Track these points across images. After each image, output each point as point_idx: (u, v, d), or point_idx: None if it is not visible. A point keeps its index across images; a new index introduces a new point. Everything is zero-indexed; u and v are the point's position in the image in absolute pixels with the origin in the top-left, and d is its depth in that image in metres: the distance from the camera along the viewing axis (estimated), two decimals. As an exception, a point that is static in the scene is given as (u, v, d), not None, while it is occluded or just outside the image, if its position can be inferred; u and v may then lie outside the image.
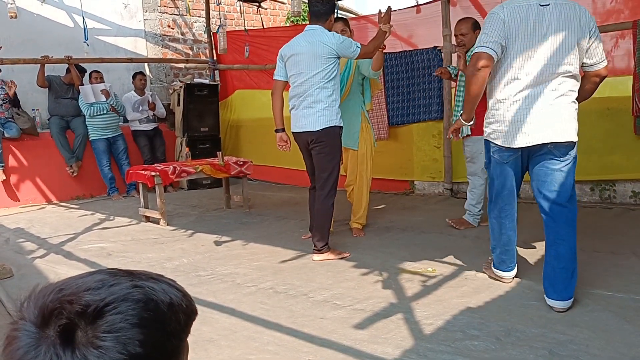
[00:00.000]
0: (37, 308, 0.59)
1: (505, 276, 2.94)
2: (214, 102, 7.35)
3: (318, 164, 3.60)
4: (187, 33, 8.12)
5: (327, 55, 3.45)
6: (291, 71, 3.58)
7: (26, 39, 6.47)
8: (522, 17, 2.50)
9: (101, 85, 6.43)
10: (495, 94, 2.67)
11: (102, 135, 6.49)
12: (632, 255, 3.29)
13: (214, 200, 6.10)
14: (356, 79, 4.05)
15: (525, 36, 2.51)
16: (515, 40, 2.53)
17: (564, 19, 2.48)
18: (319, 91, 3.48)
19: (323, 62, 3.45)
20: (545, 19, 2.49)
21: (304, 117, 3.54)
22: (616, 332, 2.30)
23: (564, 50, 2.49)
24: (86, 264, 3.79)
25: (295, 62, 3.54)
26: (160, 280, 0.66)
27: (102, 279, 0.62)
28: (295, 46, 3.55)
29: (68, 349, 0.56)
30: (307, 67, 3.48)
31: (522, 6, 2.52)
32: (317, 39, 3.46)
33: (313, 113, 3.50)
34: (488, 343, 2.26)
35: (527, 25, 2.50)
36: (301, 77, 3.51)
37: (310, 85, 3.49)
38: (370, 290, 2.99)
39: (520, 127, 2.58)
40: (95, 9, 7.07)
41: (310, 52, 3.46)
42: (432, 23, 5.48)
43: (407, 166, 5.79)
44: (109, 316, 0.58)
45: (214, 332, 2.52)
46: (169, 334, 0.62)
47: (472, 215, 4.23)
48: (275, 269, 3.50)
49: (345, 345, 2.33)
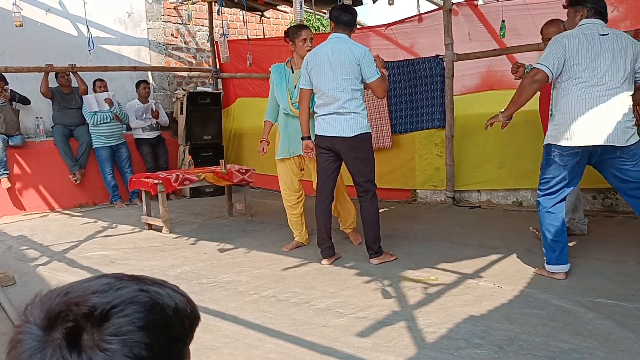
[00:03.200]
0: (43, 311, 0.59)
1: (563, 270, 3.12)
2: (217, 111, 7.38)
3: (355, 170, 3.62)
4: (190, 42, 8.18)
5: (354, 63, 3.48)
6: (317, 79, 3.58)
7: (31, 48, 6.51)
8: (582, 43, 2.93)
9: (104, 94, 6.46)
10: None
11: (106, 143, 6.51)
12: (635, 264, 3.28)
13: (217, 208, 6.11)
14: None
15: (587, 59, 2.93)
16: (577, 62, 2.94)
17: (622, 46, 2.95)
18: (347, 98, 3.50)
19: (350, 69, 3.48)
20: (605, 45, 2.93)
21: (336, 123, 3.54)
22: (620, 341, 2.28)
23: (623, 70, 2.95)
24: (89, 272, 3.79)
25: (320, 70, 3.55)
26: (165, 285, 0.67)
27: (108, 282, 0.62)
28: (320, 54, 3.56)
29: (74, 352, 0.56)
30: (334, 75, 3.50)
31: (585, 34, 2.95)
32: (345, 47, 3.50)
33: (346, 120, 3.52)
34: (491, 351, 2.26)
35: (589, 51, 2.92)
36: (328, 84, 3.52)
37: (338, 91, 3.50)
38: (372, 298, 2.98)
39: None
40: (99, 18, 7.13)
41: (337, 59, 3.49)
42: (434, 32, 5.51)
43: (409, 175, 5.79)
44: (116, 319, 0.58)
45: (216, 340, 2.52)
46: (174, 338, 0.63)
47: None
48: (277, 276, 3.50)
49: (347, 354, 2.33)
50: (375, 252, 3.64)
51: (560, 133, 2.99)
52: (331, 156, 3.64)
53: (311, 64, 3.61)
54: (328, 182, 3.72)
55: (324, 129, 3.60)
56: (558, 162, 3.02)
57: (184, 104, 7.13)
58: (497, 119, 3.26)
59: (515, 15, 4.97)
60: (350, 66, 3.47)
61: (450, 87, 5.35)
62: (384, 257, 3.65)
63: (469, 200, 5.53)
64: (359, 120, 3.53)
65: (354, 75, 3.50)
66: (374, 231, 3.63)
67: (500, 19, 4.87)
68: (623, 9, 4.61)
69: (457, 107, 5.40)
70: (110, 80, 6.87)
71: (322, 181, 3.73)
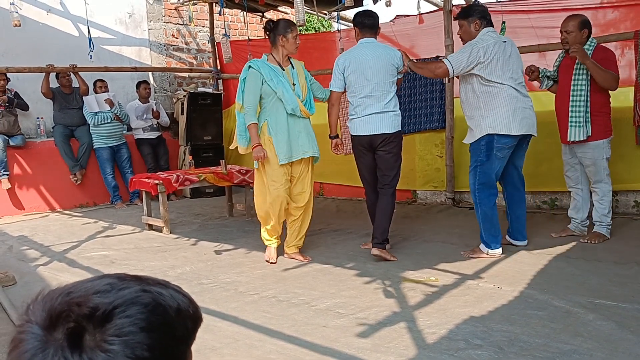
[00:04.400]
0: (45, 311, 0.59)
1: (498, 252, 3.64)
2: (217, 111, 7.39)
3: (387, 164, 3.76)
4: (191, 42, 8.18)
5: (394, 67, 3.71)
6: (358, 82, 3.71)
7: (32, 48, 6.52)
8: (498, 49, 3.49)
9: (105, 94, 6.47)
10: None
11: (106, 144, 6.52)
12: (636, 265, 3.28)
13: (217, 209, 6.11)
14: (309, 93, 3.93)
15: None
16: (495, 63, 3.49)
17: (517, 50, 3.64)
18: (389, 99, 3.71)
19: (392, 71, 3.71)
20: (508, 50, 3.53)
21: (379, 121, 3.70)
22: (620, 343, 2.28)
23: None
24: (89, 272, 3.80)
25: (362, 74, 3.68)
26: (168, 286, 0.67)
27: (110, 282, 0.62)
28: (360, 59, 3.69)
29: (76, 352, 0.56)
30: (376, 77, 3.67)
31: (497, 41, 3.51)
32: (385, 52, 3.71)
33: (388, 118, 3.71)
34: (491, 352, 2.26)
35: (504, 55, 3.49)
36: (370, 86, 3.68)
37: (381, 93, 3.68)
38: (372, 299, 2.99)
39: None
40: (100, 18, 7.14)
41: (380, 63, 3.66)
42: (434, 33, 5.51)
43: (409, 176, 5.79)
44: (118, 319, 0.58)
45: (216, 341, 2.52)
46: (176, 339, 0.63)
47: (605, 226, 3.87)
48: (277, 277, 3.50)
49: (347, 354, 2.33)
50: (379, 242, 3.69)
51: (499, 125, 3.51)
52: (370, 154, 3.80)
53: (350, 68, 3.72)
54: (374, 180, 3.88)
55: (366, 129, 3.72)
56: (498, 154, 3.55)
57: (184, 104, 7.14)
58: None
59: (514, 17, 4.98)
60: (392, 70, 3.71)
61: (450, 89, 5.36)
62: (385, 253, 3.66)
63: (469, 202, 5.52)
64: (398, 118, 3.77)
65: (394, 77, 3.74)
66: (385, 222, 3.73)
67: (500, 20, 4.87)
68: (623, 10, 4.61)
69: (457, 108, 5.39)
70: (111, 80, 6.87)
71: (371, 181, 3.89)
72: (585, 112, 3.70)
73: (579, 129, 3.71)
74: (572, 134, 3.74)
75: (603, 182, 3.81)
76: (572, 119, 3.73)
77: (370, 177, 3.90)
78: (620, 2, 4.63)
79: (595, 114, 3.72)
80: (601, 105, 3.74)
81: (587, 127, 3.71)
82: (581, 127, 3.70)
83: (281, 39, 3.74)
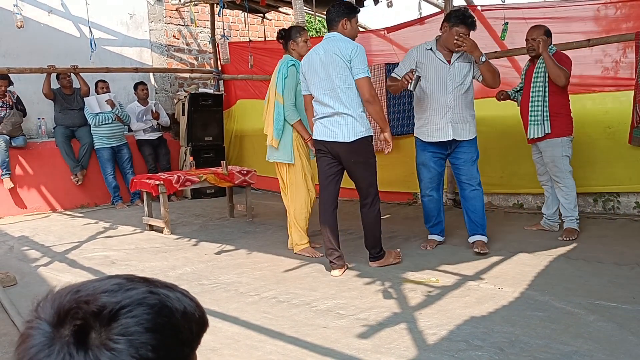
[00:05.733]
0: (53, 308, 0.60)
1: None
2: (218, 112, 7.40)
3: (356, 175, 3.50)
4: (192, 43, 8.20)
5: (344, 60, 3.32)
6: (311, 81, 3.50)
7: (33, 49, 6.53)
8: None
9: (105, 95, 6.48)
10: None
11: (107, 144, 6.53)
12: (637, 266, 3.28)
13: (218, 210, 6.12)
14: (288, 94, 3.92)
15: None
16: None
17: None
18: (343, 99, 3.36)
19: (341, 67, 3.33)
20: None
21: (334, 127, 3.41)
22: (620, 344, 2.29)
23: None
24: (90, 272, 3.80)
25: (314, 72, 3.45)
26: (175, 289, 0.67)
27: (119, 282, 0.63)
28: (312, 56, 3.49)
29: (81, 350, 0.57)
30: (327, 75, 3.37)
31: None
32: (334, 45, 3.36)
33: (344, 124, 3.38)
34: (492, 354, 2.26)
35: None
36: (323, 85, 3.41)
37: (333, 93, 3.37)
38: (373, 300, 2.99)
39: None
40: (102, 19, 7.15)
41: (327, 60, 3.37)
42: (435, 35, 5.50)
43: (410, 179, 5.78)
44: (124, 319, 0.58)
45: (217, 341, 2.52)
46: (181, 342, 0.63)
47: (575, 220, 3.99)
48: (278, 278, 3.51)
49: (348, 355, 2.33)
50: (374, 256, 3.60)
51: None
52: (332, 160, 3.51)
53: (305, 67, 3.54)
54: (330, 187, 3.56)
55: (323, 133, 3.47)
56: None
57: (185, 105, 7.15)
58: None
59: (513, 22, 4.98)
60: (342, 64, 3.32)
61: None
62: (384, 261, 3.60)
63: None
64: (357, 123, 3.37)
65: (346, 73, 3.33)
66: (373, 236, 3.55)
67: (500, 22, 4.87)
68: (626, 10, 4.60)
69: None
70: (112, 81, 6.88)
71: (324, 186, 3.59)
72: (544, 111, 3.87)
73: (537, 126, 3.90)
74: (532, 132, 3.95)
75: (566, 179, 3.96)
76: (531, 117, 3.94)
77: (327, 189, 3.57)
78: (623, 2, 4.61)
79: (555, 114, 3.90)
80: (560, 106, 3.92)
81: (545, 125, 3.89)
82: (539, 125, 3.89)
83: (292, 44, 3.96)
